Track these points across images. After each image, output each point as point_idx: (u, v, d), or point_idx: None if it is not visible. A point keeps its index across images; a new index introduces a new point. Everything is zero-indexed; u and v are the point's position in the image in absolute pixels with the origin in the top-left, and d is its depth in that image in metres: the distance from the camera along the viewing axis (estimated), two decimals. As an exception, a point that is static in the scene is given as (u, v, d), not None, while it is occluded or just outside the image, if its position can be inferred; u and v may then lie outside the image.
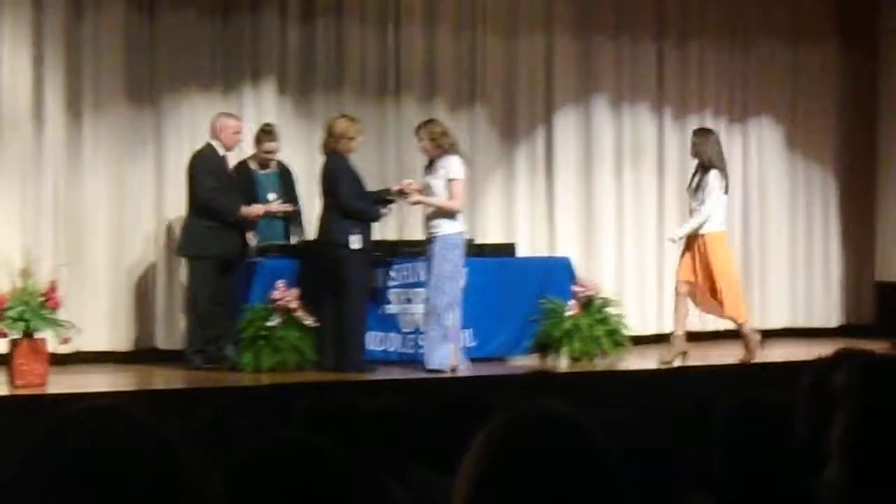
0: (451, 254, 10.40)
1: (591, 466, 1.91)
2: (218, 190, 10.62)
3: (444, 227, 10.42)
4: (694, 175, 11.38)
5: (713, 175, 11.13)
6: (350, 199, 10.44)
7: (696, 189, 11.23)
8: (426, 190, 10.53)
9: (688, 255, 11.24)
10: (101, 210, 11.49)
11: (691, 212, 11.32)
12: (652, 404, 3.41)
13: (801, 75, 14.34)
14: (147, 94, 11.73)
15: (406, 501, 3.69)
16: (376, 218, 10.70)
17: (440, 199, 10.44)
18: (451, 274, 10.38)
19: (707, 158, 11.19)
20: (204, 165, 10.64)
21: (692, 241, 11.21)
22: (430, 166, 10.62)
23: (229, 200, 10.64)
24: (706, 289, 11.23)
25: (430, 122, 10.80)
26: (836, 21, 14.43)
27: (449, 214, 10.45)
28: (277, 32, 12.22)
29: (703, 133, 11.52)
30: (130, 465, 1.64)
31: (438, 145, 10.48)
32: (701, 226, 11.12)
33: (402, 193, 10.71)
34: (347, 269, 10.37)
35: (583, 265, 12.25)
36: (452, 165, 10.48)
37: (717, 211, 11.18)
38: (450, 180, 10.43)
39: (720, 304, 11.25)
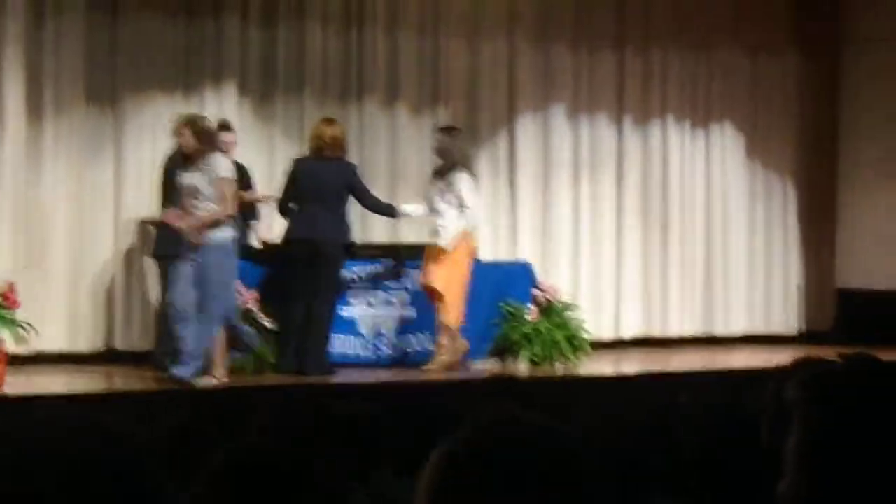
0: (226, 261, 9.64)
1: (557, 472, 1.91)
2: None
3: (216, 234, 9.56)
4: (436, 174, 10.92)
5: (464, 177, 10.76)
6: (376, 201, 10.85)
7: (443, 190, 10.75)
8: (192, 192, 9.59)
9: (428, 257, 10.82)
10: (60, 212, 11.43)
11: (439, 212, 10.72)
12: (613, 409, 3.41)
13: (761, 83, 14.40)
14: (108, 96, 11.68)
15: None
16: (395, 215, 11.12)
17: (212, 210, 9.51)
18: (226, 282, 9.66)
19: (454, 159, 10.82)
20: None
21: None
22: (186, 164, 9.72)
23: None
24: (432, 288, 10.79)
25: (193, 116, 9.95)
26: (797, 30, 14.49)
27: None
28: (238, 35, 12.17)
29: (449, 132, 11.12)
30: (93, 473, 1.62)
31: (203, 141, 9.63)
32: (465, 226, 10.72)
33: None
34: (338, 269, 10.54)
35: (541, 271, 12.25)
36: (219, 163, 9.64)
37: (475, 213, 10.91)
38: (217, 179, 9.53)
39: (439, 305, 10.78)
